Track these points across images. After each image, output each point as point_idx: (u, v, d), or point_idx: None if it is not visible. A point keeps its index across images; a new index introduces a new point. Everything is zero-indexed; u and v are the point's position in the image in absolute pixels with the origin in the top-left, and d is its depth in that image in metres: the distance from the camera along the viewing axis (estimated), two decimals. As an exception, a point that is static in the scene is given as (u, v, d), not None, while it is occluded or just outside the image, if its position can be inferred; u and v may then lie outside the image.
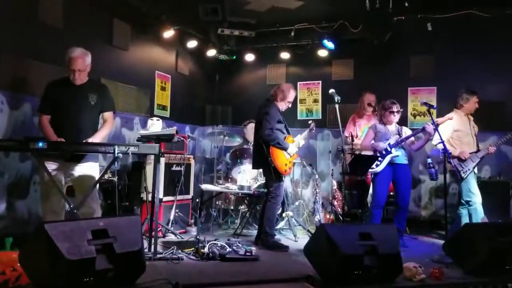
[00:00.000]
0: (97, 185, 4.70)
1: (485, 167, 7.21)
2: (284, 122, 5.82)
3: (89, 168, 4.62)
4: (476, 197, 5.72)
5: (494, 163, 5.87)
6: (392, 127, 6.02)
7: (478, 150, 5.90)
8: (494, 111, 5.90)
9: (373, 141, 5.99)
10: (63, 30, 5.71)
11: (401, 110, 6.05)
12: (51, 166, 4.45)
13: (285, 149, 5.66)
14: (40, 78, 5.22)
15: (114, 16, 6.73)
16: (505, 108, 6.39)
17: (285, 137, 5.76)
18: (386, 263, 3.80)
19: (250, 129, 7.95)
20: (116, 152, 4.25)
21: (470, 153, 5.81)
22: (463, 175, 5.74)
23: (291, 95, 5.82)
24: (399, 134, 5.98)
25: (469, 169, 5.74)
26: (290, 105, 5.88)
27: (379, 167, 5.84)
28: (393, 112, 5.95)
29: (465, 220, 5.78)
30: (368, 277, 3.75)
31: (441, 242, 5.20)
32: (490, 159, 6.35)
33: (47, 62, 5.45)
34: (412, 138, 5.93)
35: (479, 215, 5.64)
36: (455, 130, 5.94)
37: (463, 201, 5.83)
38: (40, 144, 4.01)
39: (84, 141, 4.43)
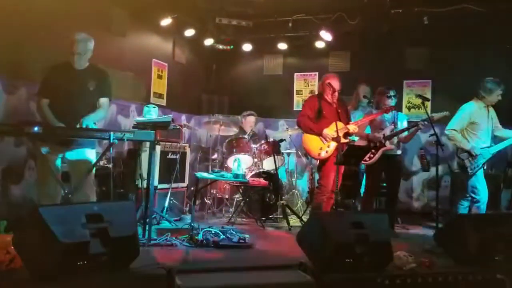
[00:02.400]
0: (93, 172, 4.72)
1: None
2: (327, 110, 5.69)
3: (85, 154, 4.63)
4: (483, 194, 5.58)
5: (486, 156, 5.93)
6: (388, 114, 6.04)
7: (490, 146, 5.68)
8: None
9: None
10: (61, 16, 5.69)
11: (397, 95, 6.08)
12: (49, 151, 4.47)
13: (317, 134, 5.66)
14: (36, 64, 5.24)
15: (112, 2, 6.72)
16: (499, 101, 6.41)
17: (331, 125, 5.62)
18: (377, 252, 3.83)
19: (248, 121, 7.97)
20: (112, 138, 4.26)
21: (481, 149, 5.60)
22: (470, 171, 5.59)
23: (326, 83, 5.71)
24: (395, 121, 6.01)
25: (478, 166, 5.57)
26: (333, 93, 5.67)
27: (372, 159, 5.89)
28: (390, 96, 5.98)
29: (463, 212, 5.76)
30: (359, 265, 3.78)
31: (433, 232, 5.25)
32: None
33: (44, 47, 5.44)
34: (406, 132, 5.96)
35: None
36: (471, 122, 5.68)
37: (467, 195, 5.76)
38: (35, 128, 4.01)
39: (77, 126, 4.43)
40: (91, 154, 4.68)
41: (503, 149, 5.75)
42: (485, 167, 5.75)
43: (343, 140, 5.44)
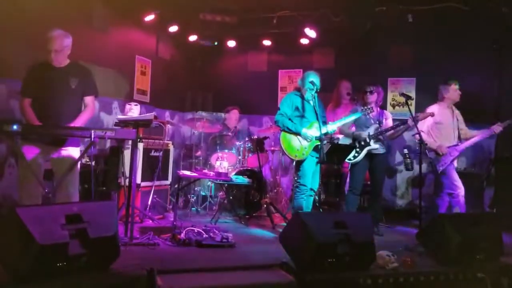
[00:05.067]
0: (77, 171, 4.66)
1: (461, 158, 7.29)
2: (305, 109, 5.68)
3: (70, 153, 4.56)
4: (458, 189, 5.71)
5: (469, 154, 5.97)
6: (374, 112, 6.03)
7: (457, 144, 5.87)
8: (471, 102, 5.98)
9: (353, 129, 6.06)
10: (41, 11, 5.57)
11: (376, 91, 6.03)
12: (32, 150, 4.39)
13: (295, 133, 5.61)
14: (16, 60, 5.15)
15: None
16: (482, 99, 6.53)
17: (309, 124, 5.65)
18: (359, 251, 3.85)
19: (232, 115, 7.95)
20: (92, 136, 4.20)
21: (449, 147, 5.79)
22: (439, 168, 5.75)
23: (307, 81, 5.65)
24: (380, 119, 6.01)
25: (445, 163, 5.74)
26: (313, 90, 5.59)
27: (356, 158, 5.89)
28: (367, 92, 5.98)
29: (441, 211, 5.83)
30: (342, 265, 3.80)
31: (416, 231, 5.28)
32: (466, 150, 6.43)
33: (23, 44, 5.33)
34: (392, 131, 5.96)
35: (463, 208, 5.66)
36: (436, 122, 5.92)
37: (441, 192, 5.87)
38: (14, 127, 3.93)
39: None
40: (75, 152, 4.61)
41: (485, 148, 5.84)
42: (455, 164, 5.92)
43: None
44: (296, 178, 5.75)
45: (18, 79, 4.65)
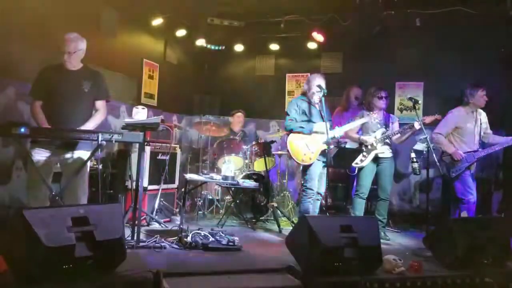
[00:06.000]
0: (87, 176, 4.68)
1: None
2: (312, 113, 5.69)
3: (80, 156, 4.57)
4: (470, 195, 5.62)
5: (477, 159, 5.94)
6: (380, 116, 6.03)
7: (476, 150, 5.73)
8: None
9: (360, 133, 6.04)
10: (51, 15, 5.62)
11: (389, 97, 6.05)
12: (43, 153, 4.41)
13: (309, 130, 5.58)
14: (25, 63, 5.18)
15: (102, 2, 6.66)
16: (489, 104, 6.45)
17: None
18: (366, 255, 3.84)
19: (237, 118, 7.96)
20: (99, 139, 4.22)
21: (466, 153, 5.67)
22: (452, 174, 5.69)
23: (313, 84, 5.64)
24: (387, 123, 5.99)
25: (460, 169, 5.65)
26: (319, 94, 5.53)
27: (363, 162, 5.87)
28: (381, 97, 5.96)
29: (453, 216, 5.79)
30: (348, 269, 3.78)
31: (423, 235, 5.24)
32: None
33: (32, 46, 5.36)
34: (399, 134, 5.93)
35: (472, 214, 5.59)
36: (456, 127, 5.78)
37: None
38: (22, 129, 3.95)
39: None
40: (86, 156, 4.60)
41: (493, 153, 5.78)
42: (472, 171, 5.78)
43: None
44: (302, 182, 5.75)
45: (27, 82, 4.68)
